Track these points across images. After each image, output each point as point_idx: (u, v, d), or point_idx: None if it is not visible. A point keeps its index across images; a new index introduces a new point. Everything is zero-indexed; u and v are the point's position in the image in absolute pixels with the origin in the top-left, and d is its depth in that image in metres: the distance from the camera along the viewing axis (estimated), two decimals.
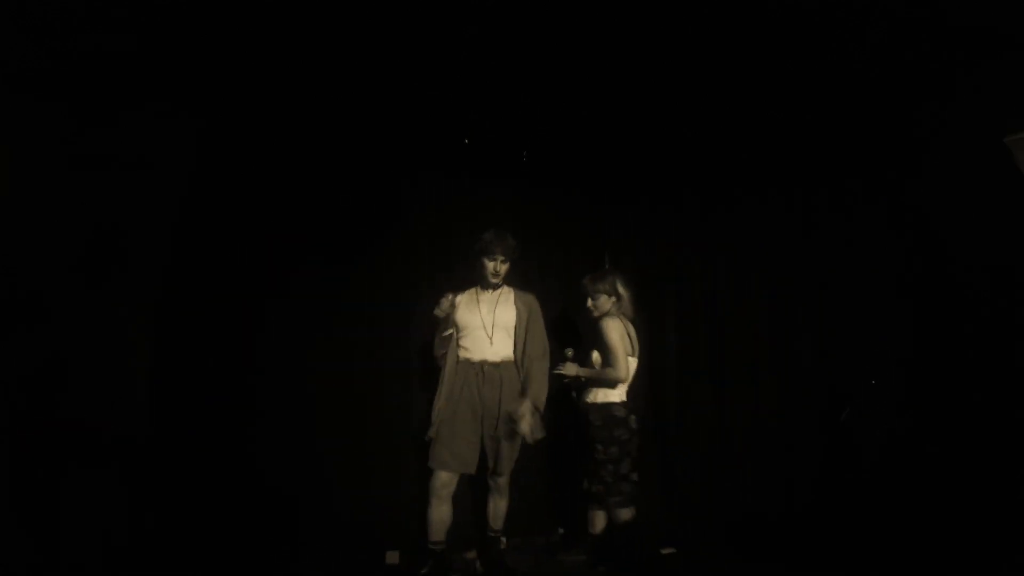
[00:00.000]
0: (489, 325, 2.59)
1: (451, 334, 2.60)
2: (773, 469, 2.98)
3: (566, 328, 3.35)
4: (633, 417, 2.53)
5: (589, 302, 2.63)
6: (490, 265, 2.59)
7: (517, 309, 2.65)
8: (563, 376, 2.60)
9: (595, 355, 2.58)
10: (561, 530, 3.09)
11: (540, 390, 2.56)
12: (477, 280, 2.66)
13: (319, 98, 2.78)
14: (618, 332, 2.52)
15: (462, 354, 2.60)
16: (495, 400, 2.55)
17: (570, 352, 2.63)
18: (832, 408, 2.94)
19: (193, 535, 2.41)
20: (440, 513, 2.48)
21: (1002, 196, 2.54)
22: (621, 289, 2.62)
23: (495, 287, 2.64)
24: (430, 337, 2.70)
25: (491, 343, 2.59)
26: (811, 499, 2.86)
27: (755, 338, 3.11)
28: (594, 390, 2.56)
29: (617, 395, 2.53)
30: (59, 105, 2.30)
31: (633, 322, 2.65)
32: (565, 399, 2.79)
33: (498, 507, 2.64)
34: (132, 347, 2.45)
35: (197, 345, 2.62)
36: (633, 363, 2.58)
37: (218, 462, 2.58)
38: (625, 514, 2.47)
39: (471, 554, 2.75)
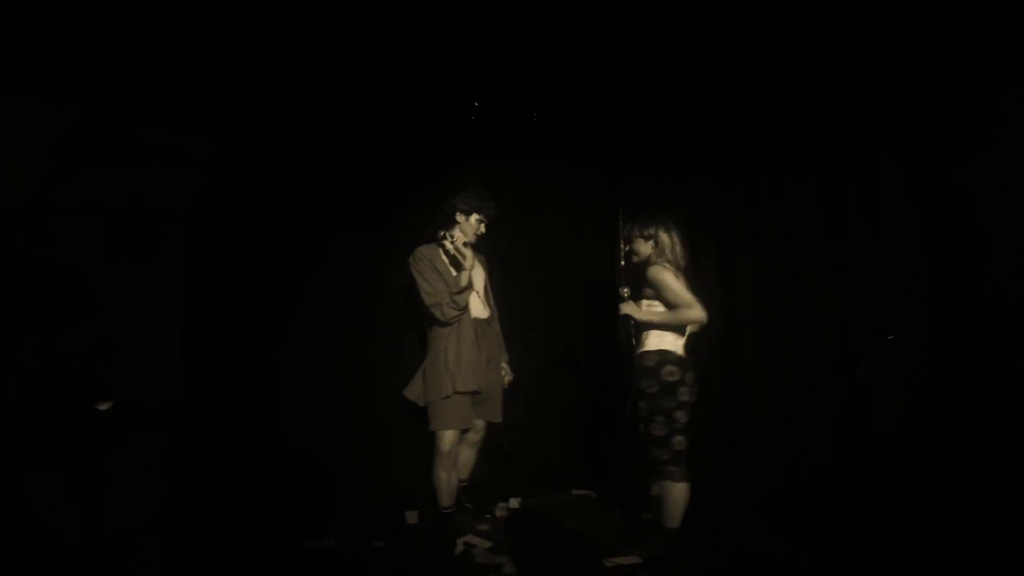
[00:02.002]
0: (479, 283, 2.69)
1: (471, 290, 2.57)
2: (792, 442, 2.97)
3: (579, 305, 3.42)
4: (671, 368, 2.29)
5: (627, 247, 2.51)
6: (479, 225, 2.63)
7: (484, 267, 2.76)
8: (630, 318, 2.40)
9: (651, 303, 2.38)
10: (576, 491, 3.17)
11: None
12: (453, 238, 2.57)
13: (328, 82, 2.80)
14: (671, 274, 2.32)
15: (473, 313, 2.63)
16: (494, 356, 2.70)
17: (626, 291, 2.47)
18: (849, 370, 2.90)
19: (223, 498, 2.52)
20: (453, 474, 2.58)
21: None
22: (663, 236, 2.40)
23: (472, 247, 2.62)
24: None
25: (480, 300, 2.68)
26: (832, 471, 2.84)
27: (772, 308, 3.07)
28: (645, 340, 2.38)
29: (655, 343, 2.34)
30: (80, 100, 2.37)
31: (685, 272, 2.43)
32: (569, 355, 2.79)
33: (475, 458, 2.80)
34: (166, 326, 2.55)
35: (227, 324, 2.71)
36: None
37: (247, 431, 2.68)
38: (674, 488, 2.30)
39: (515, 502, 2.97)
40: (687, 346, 2.40)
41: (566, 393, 3.39)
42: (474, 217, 2.61)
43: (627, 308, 2.38)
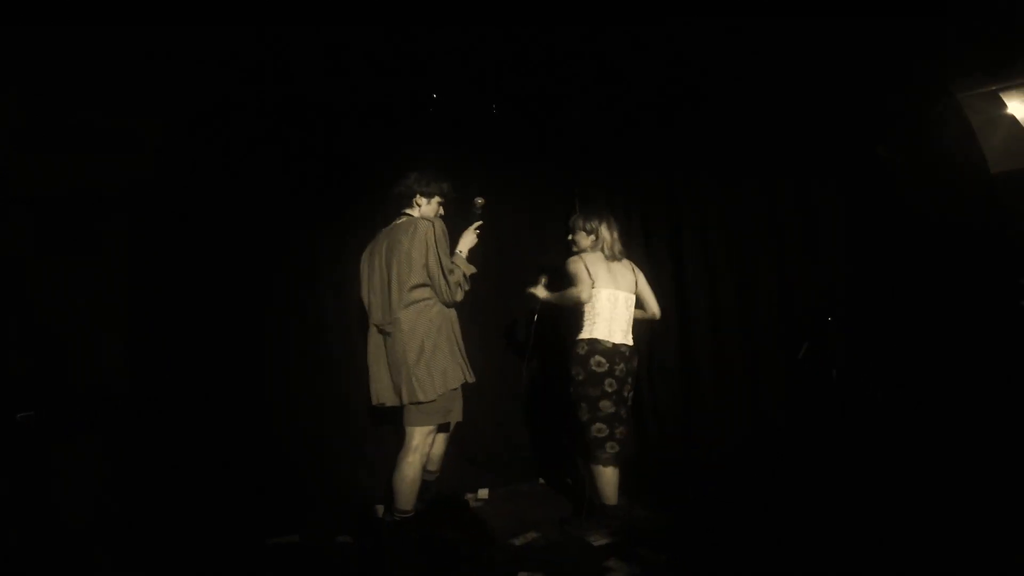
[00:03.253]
0: None
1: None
2: (743, 411, 3.12)
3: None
4: (599, 359, 2.43)
5: (570, 237, 2.67)
6: (440, 208, 2.49)
7: None
8: (534, 297, 2.64)
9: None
10: (542, 480, 3.21)
11: None
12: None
13: (281, 62, 2.73)
14: (577, 265, 2.50)
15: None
16: None
17: (544, 279, 2.70)
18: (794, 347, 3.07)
19: (190, 496, 2.44)
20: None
21: (954, 151, 2.58)
22: (604, 230, 2.59)
23: None
24: None
25: None
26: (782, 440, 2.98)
27: (719, 283, 3.23)
28: (576, 328, 2.54)
29: (586, 331, 2.49)
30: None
31: (623, 260, 2.64)
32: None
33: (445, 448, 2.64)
34: (112, 321, 2.45)
35: (182, 317, 2.62)
36: (604, 293, 2.50)
37: (214, 425, 2.60)
38: (595, 469, 2.45)
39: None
40: (635, 338, 2.58)
41: (528, 384, 3.43)
42: (436, 200, 2.46)
43: (532, 289, 2.64)
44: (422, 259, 2.27)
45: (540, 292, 2.67)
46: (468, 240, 2.49)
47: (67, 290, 2.33)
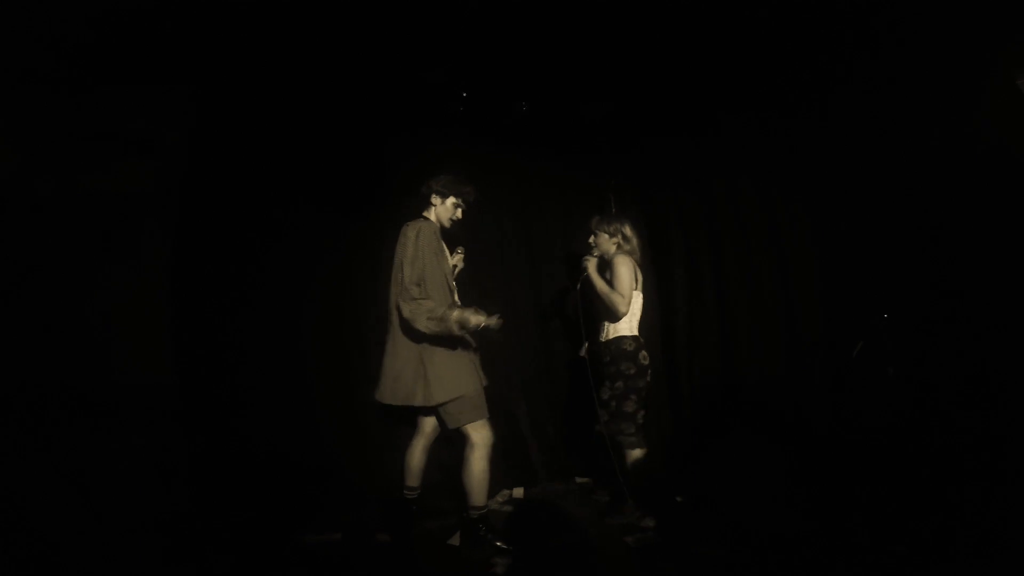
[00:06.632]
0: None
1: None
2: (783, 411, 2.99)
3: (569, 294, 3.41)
4: (644, 353, 2.60)
5: (591, 239, 2.71)
6: (456, 210, 2.47)
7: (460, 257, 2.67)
8: (584, 272, 2.63)
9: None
10: (577, 478, 3.17)
11: None
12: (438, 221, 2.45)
13: (306, 60, 2.71)
14: (628, 268, 2.57)
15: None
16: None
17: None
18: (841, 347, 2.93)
19: (230, 494, 2.48)
20: None
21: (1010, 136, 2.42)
22: (628, 231, 2.68)
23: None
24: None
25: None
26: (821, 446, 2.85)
27: (760, 278, 3.12)
28: (606, 328, 2.65)
29: (627, 328, 2.60)
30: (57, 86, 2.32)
31: (640, 265, 2.71)
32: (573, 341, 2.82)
33: None
34: (149, 318, 2.50)
35: (219, 317, 2.65)
36: (639, 299, 2.64)
37: (245, 419, 2.62)
38: (634, 453, 2.55)
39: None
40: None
41: (562, 381, 3.39)
42: (451, 200, 2.44)
43: (591, 265, 2.63)
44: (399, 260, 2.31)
45: (593, 271, 2.62)
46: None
47: (105, 292, 2.38)
